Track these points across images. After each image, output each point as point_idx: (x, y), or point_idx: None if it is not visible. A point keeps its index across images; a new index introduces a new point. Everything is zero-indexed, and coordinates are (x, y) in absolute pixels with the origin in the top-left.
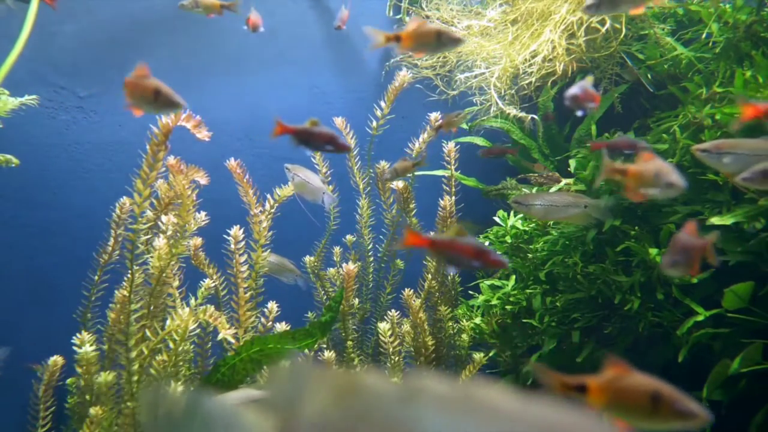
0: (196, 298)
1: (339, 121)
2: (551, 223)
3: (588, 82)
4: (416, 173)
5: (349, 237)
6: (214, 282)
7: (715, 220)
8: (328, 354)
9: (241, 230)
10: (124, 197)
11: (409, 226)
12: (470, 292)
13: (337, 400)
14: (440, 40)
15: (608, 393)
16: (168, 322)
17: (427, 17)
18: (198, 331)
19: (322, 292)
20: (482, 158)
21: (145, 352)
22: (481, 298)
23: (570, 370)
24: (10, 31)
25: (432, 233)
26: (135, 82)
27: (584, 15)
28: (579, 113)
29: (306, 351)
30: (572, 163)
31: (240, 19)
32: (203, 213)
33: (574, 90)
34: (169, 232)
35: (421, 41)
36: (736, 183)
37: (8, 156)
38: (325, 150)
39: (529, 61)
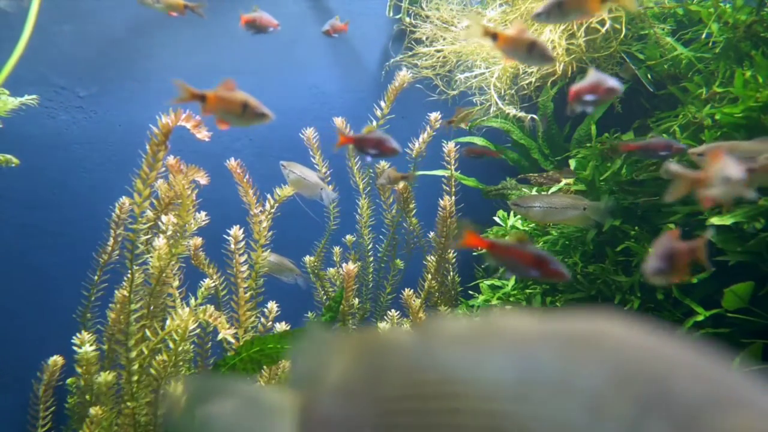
0: (196, 298)
1: (339, 121)
2: (551, 223)
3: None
4: (416, 173)
5: (349, 237)
6: (214, 282)
7: (715, 220)
8: None
9: (241, 230)
10: (124, 197)
11: (467, 227)
12: (470, 292)
13: (356, 362)
14: (531, 52)
15: None
16: (168, 322)
17: (427, 17)
18: (198, 331)
19: (322, 292)
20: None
21: (145, 352)
22: (481, 298)
23: None
24: (10, 31)
25: (490, 238)
26: (222, 96)
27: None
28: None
29: None
30: (572, 163)
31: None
32: (203, 213)
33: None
34: (169, 232)
35: (514, 47)
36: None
37: (8, 156)
38: (379, 156)
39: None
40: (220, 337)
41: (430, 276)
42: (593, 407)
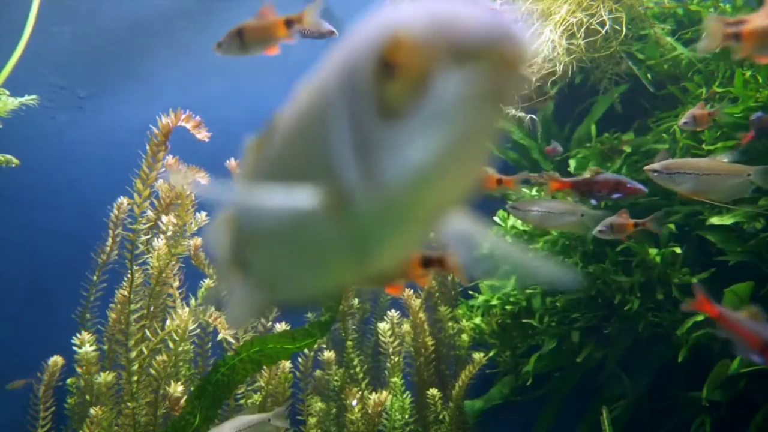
0: (196, 299)
1: None
2: (548, 227)
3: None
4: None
5: None
6: (214, 282)
7: (715, 220)
8: (328, 354)
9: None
10: (122, 197)
11: (702, 292)
12: (470, 292)
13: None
14: None
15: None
16: (168, 322)
17: None
18: (198, 331)
19: None
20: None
21: (145, 352)
22: (481, 298)
23: (570, 370)
24: (10, 31)
25: (722, 307)
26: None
27: (584, 17)
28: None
29: (306, 351)
30: (572, 163)
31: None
32: (203, 213)
33: None
34: (170, 233)
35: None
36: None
37: (8, 156)
38: (612, 199)
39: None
40: (220, 337)
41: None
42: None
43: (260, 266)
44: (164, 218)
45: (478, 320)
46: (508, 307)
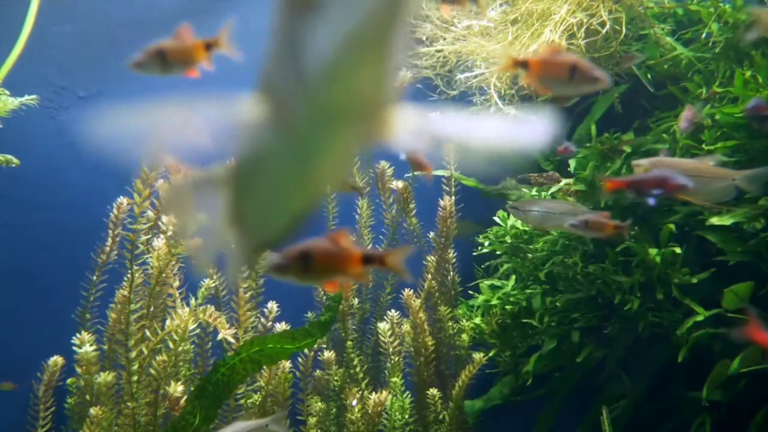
0: (196, 298)
1: None
2: (548, 228)
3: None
4: (416, 173)
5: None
6: (214, 282)
7: (715, 221)
8: (328, 354)
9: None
10: (122, 197)
11: (754, 316)
12: (470, 292)
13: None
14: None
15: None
16: (168, 322)
17: (427, 17)
18: (198, 331)
19: (322, 292)
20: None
21: (145, 352)
22: (481, 298)
23: (570, 370)
24: (9, 31)
25: None
26: (547, 60)
27: (584, 17)
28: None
29: (306, 351)
30: (572, 163)
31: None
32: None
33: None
34: (169, 233)
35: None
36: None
37: (8, 156)
38: (658, 195)
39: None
40: (220, 337)
41: (430, 276)
42: None
43: (242, 209)
44: (164, 218)
45: (478, 320)
46: (508, 307)
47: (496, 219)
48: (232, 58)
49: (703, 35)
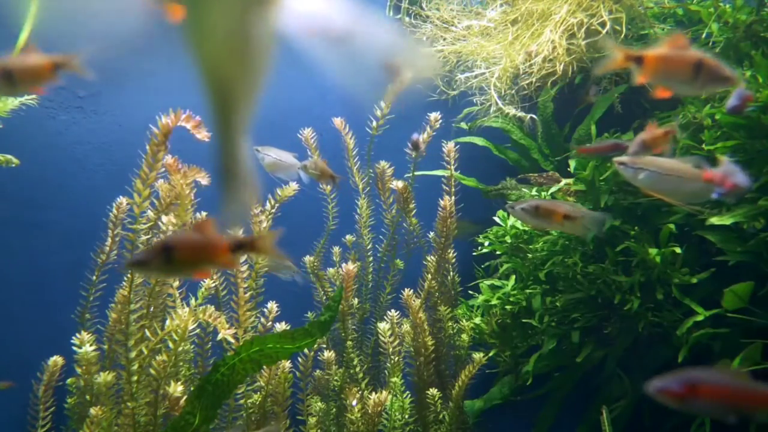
0: (196, 298)
1: (338, 122)
2: (547, 228)
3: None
4: (416, 173)
5: (348, 237)
6: (214, 282)
7: (715, 220)
8: (328, 354)
9: (241, 230)
10: (122, 197)
11: None
12: (470, 292)
13: None
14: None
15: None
16: (168, 322)
17: (427, 17)
18: (198, 331)
19: (322, 292)
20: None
21: (145, 352)
22: (481, 298)
23: (570, 370)
24: (9, 31)
25: None
26: (668, 55)
27: (584, 17)
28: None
29: (306, 351)
30: (572, 163)
31: None
32: (204, 213)
33: None
34: (169, 233)
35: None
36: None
37: (8, 156)
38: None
39: (530, 61)
40: (220, 337)
41: (430, 276)
42: None
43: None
44: (164, 218)
45: (477, 320)
46: (508, 307)
47: (496, 219)
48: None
49: (703, 35)
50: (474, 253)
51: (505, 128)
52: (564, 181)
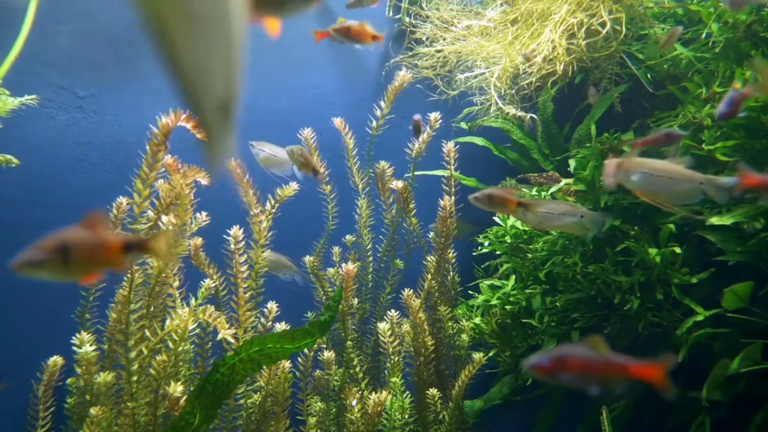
0: (196, 298)
1: (338, 122)
2: (547, 228)
3: None
4: (416, 173)
5: (348, 237)
6: (214, 282)
7: (715, 221)
8: (328, 354)
9: (241, 230)
10: (122, 197)
11: None
12: (470, 292)
13: None
14: None
15: None
16: (168, 322)
17: (427, 17)
18: (198, 331)
19: (322, 292)
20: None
21: (145, 352)
22: (481, 298)
23: None
24: (9, 31)
25: None
26: None
27: (584, 17)
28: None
29: (306, 351)
30: (572, 163)
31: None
32: (204, 213)
33: None
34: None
35: None
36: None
37: (8, 156)
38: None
39: (529, 61)
40: (219, 337)
41: (430, 276)
42: None
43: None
44: (164, 218)
45: (477, 320)
46: (507, 307)
47: (496, 219)
48: None
49: (703, 35)
50: (474, 253)
51: (505, 128)
52: (564, 181)
